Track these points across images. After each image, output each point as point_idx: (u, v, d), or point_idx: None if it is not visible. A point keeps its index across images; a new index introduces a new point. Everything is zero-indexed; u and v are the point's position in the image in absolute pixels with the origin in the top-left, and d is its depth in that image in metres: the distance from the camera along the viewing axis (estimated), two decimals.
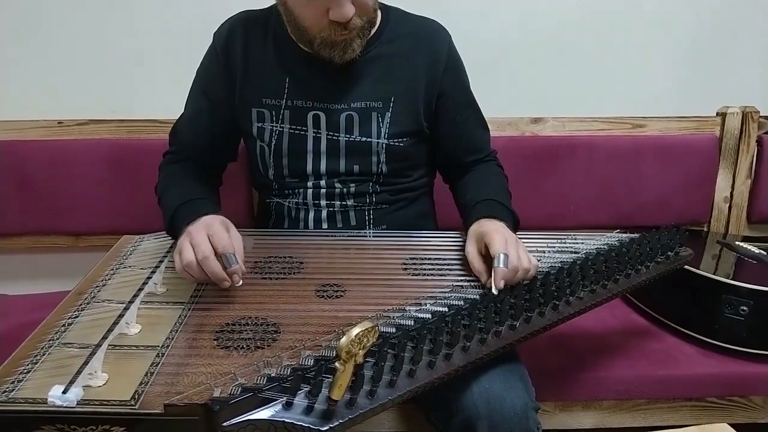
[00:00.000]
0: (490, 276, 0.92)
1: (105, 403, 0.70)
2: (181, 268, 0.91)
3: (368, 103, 1.12)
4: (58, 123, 1.51)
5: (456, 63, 1.18)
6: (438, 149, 1.22)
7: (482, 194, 1.12)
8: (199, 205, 1.01)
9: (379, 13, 1.13)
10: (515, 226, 1.08)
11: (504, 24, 1.58)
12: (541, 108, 1.60)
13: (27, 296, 1.55)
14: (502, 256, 0.91)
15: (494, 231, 0.96)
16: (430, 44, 1.15)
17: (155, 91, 1.55)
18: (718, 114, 1.62)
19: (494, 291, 0.90)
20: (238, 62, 1.13)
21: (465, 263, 1.03)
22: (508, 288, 0.92)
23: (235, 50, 1.13)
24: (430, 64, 1.14)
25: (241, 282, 0.92)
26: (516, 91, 1.63)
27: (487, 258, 0.96)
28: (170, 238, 1.09)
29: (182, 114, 1.21)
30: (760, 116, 1.60)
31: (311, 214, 1.18)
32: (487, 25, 1.58)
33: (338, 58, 1.05)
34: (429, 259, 1.05)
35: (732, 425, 0.84)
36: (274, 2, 1.15)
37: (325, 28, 1.01)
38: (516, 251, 0.93)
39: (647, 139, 1.60)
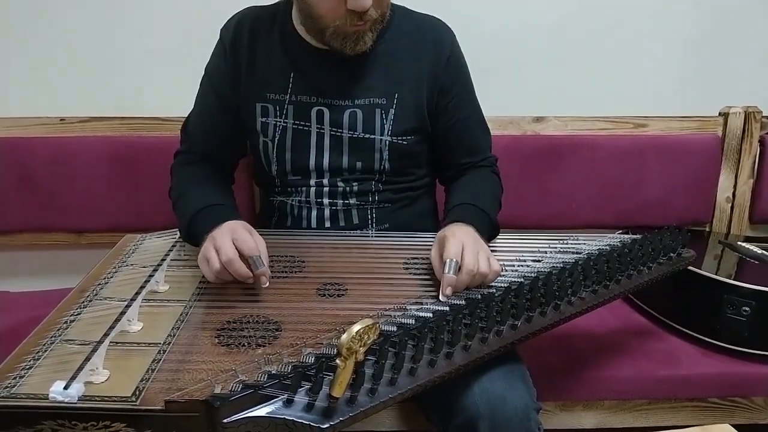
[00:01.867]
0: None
1: (106, 399, 0.70)
2: (212, 275, 0.92)
3: (372, 99, 1.12)
4: (60, 120, 1.51)
5: (458, 60, 1.18)
6: (435, 147, 1.21)
7: (462, 198, 1.11)
8: (220, 212, 1.02)
9: None
10: (491, 233, 1.08)
11: (506, 23, 1.58)
12: (543, 107, 1.60)
13: (28, 293, 1.55)
14: (450, 262, 0.90)
15: (452, 235, 0.95)
16: (434, 42, 1.15)
17: (157, 89, 1.55)
18: (720, 114, 1.62)
19: (441, 298, 0.90)
20: (244, 57, 1.13)
21: None
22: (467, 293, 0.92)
23: (242, 45, 1.13)
24: (432, 61, 1.14)
25: (267, 283, 0.93)
26: (518, 90, 1.63)
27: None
28: (182, 241, 1.10)
29: (192, 110, 1.22)
30: (763, 116, 1.59)
31: (314, 213, 1.18)
32: (489, 24, 1.58)
33: (350, 50, 1.05)
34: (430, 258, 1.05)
35: (733, 426, 0.84)
36: None
37: (340, 17, 1.00)
38: (473, 256, 0.91)
39: (649, 138, 1.60)
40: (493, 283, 0.95)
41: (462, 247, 0.92)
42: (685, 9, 1.60)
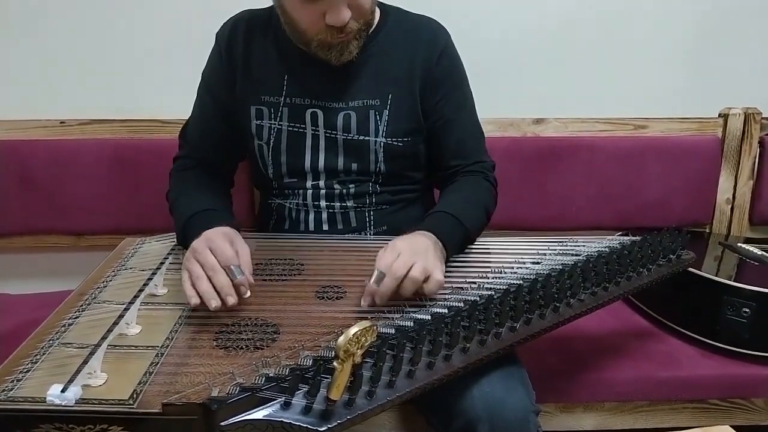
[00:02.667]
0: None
1: (103, 402, 0.70)
2: (190, 286, 0.88)
3: (366, 101, 1.12)
4: (60, 123, 1.51)
5: (451, 59, 1.16)
6: (429, 151, 1.20)
7: (441, 206, 1.09)
8: (212, 216, 1.02)
9: (377, 12, 1.13)
10: (462, 244, 1.06)
11: (505, 24, 1.58)
12: (542, 109, 1.60)
13: (28, 295, 1.55)
14: (376, 273, 0.87)
15: (392, 246, 0.92)
16: (427, 41, 1.14)
17: (157, 91, 1.56)
18: (720, 115, 1.61)
19: (363, 304, 0.89)
20: (239, 60, 1.14)
21: (464, 264, 1.03)
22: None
23: (237, 48, 1.14)
24: (425, 58, 1.13)
25: (248, 294, 0.90)
26: (518, 92, 1.63)
27: None
28: (178, 245, 1.10)
29: (191, 115, 1.22)
30: (763, 117, 1.59)
31: (311, 216, 1.18)
32: (489, 25, 1.58)
33: (335, 60, 1.05)
34: None
35: (733, 427, 0.84)
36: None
37: (321, 31, 1.01)
38: (404, 264, 0.87)
39: (649, 140, 1.60)
40: (492, 285, 0.94)
41: (396, 256, 0.88)
42: (684, 11, 1.60)
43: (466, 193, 1.14)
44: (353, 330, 0.66)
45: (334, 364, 0.67)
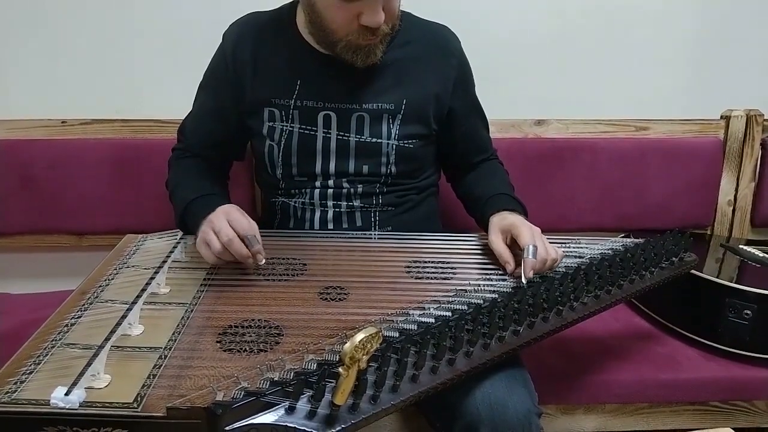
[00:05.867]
0: (518, 266, 0.97)
1: (107, 405, 0.70)
2: (213, 257, 0.96)
3: (380, 105, 1.12)
4: (62, 122, 1.51)
5: (467, 72, 1.21)
6: (447, 152, 1.24)
7: (495, 189, 1.16)
8: (213, 200, 1.04)
9: None
10: (525, 217, 1.11)
11: (507, 26, 1.58)
12: (544, 110, 1.60)
13: (30, 295, 1.55)
14: (531, 248, 0.95)
15: (521, 224, 1.01)
16: (443, 51, 1.16)
17: (159, 91, 1.55)
18: (722, 117, 1.62)
19: (524, 281, 0.94)
20: (247, 64, 1.13)
21: (468, 266, 1.03)
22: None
23: (244, 52, 1.13)
24: (441, 71, 1.15)
25: (263, 261, 0.97)
26: (519, 93, 1.62)
27: (513, 249, 0.99)
28: (179, 231, 1.12)
29: (190, 112, 1.22)
30: (765, 119, 1.59)
31: (317, 215, 1.18)
32: (491, 26, 1.57)
33: (360, 62, 1.06)
34: (432, 262, 1.05)
35: (734, 429, 0.84)
36: (283, 3, 1.15)
37: (352, 32, 1.01)
38: (543, 243, 0.97)
39: (651, 141, 1.59)
40: (495, 288, 0.95)
41: (533, 234, 0.98)
42: (687, 12, 1.60)
43: (504, 179, 1.23)
44: (359, 336, 0.66)
45: (339, 370, 0.67)
